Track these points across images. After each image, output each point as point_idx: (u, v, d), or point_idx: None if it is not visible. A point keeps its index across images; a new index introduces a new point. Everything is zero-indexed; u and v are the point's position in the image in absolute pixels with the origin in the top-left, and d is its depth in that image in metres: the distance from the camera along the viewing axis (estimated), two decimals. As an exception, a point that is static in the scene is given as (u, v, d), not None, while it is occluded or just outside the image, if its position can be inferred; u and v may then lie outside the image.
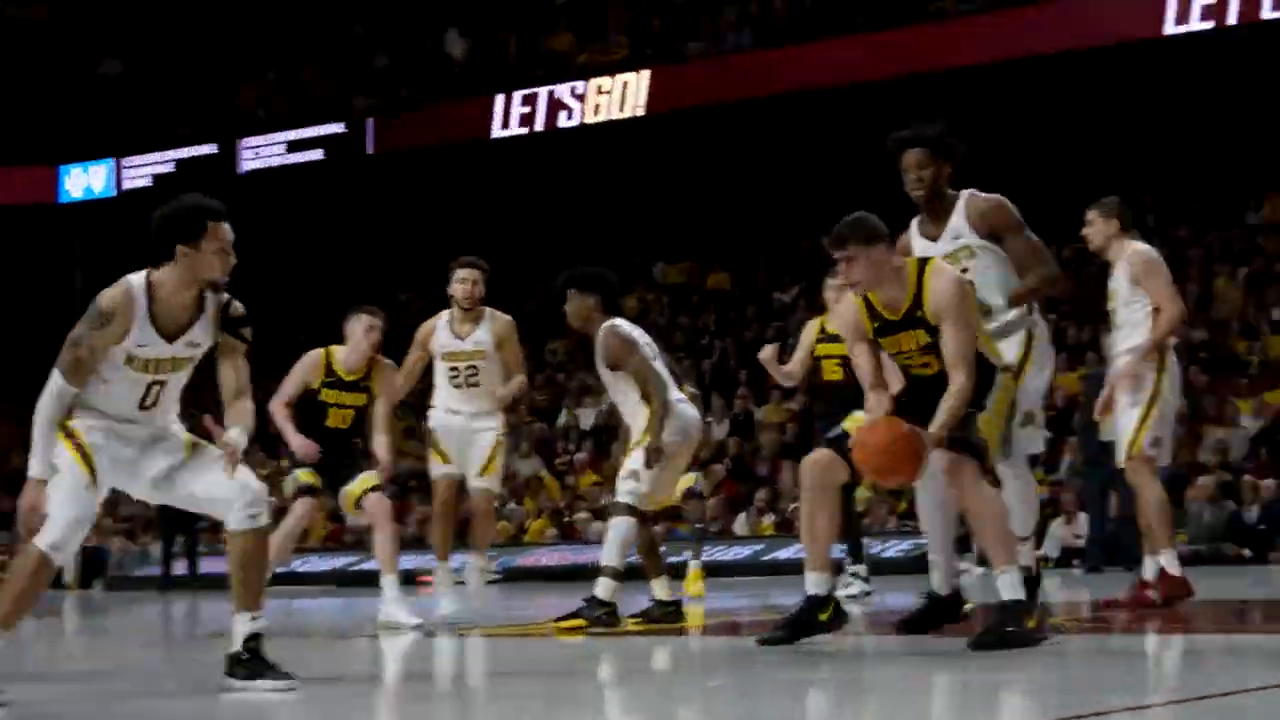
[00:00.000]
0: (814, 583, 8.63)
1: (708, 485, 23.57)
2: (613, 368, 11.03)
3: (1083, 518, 20.24)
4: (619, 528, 10.89)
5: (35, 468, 7.33)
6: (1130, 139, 28.24)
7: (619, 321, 11.21)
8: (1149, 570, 10.97)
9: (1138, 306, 11.03)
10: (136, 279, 7.41)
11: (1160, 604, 10.76)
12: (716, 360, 30.17)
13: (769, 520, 23.71)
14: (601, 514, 22.43)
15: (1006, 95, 29.86)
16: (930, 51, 28.79)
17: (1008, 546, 8.35)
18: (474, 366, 12.31)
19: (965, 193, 9.40)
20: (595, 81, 32.11)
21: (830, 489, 8.61)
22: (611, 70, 32.19)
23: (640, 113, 31.49)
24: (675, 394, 11.07)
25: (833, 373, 13.57)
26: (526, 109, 32.73)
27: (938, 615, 9.30)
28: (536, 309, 27.80)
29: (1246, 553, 19.91)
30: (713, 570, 21.42)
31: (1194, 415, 19.54)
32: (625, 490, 10.93)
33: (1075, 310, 25.13)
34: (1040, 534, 20.58)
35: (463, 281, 12.42)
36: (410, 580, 16.86)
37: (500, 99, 33.02)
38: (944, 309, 8.37)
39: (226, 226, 7.42)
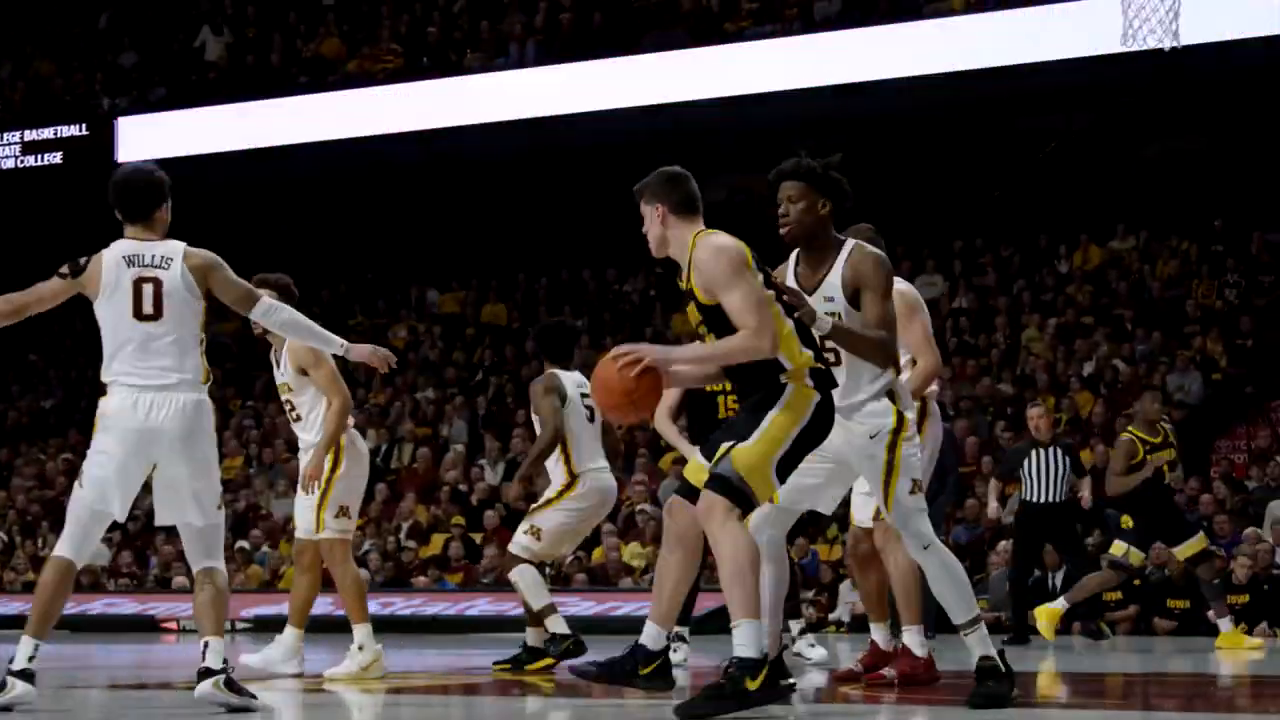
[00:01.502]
0: (647, 635, 8.53)
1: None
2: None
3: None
4: (524, 575, 12.29)
5: None
6: (931, 183, 29.04)
7: (556, 372, 12.61)
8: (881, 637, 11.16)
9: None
10: None
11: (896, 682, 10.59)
12: (492, 397, 30.21)
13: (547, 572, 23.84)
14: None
15: (804, 121, 30.48)
16: (726, 75, 29.25)
17: (746, 598, 8.12)
18: (289, 400, 12.15)
19: (851, 241, 9.12)
20: (363, 91, 31.94)
21: (688, 540, 8.46)
22: (384, 79, 32.13)
23: (413, 127, 31.33)
24: (599, 462, 11.74)
25: None
26: (283, 115, 32.31)
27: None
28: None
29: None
30: (483, 625, 21.63)
31: (1003, 475, 20.02)
32: (521, 545, 11.96)
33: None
34: (832, 595, 21.03)
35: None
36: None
37: (251, 106, 32.57)
38: (709, 281, 8.36)
39: None
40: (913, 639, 10.52)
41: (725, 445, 8.25)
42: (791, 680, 9.24)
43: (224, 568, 9.19)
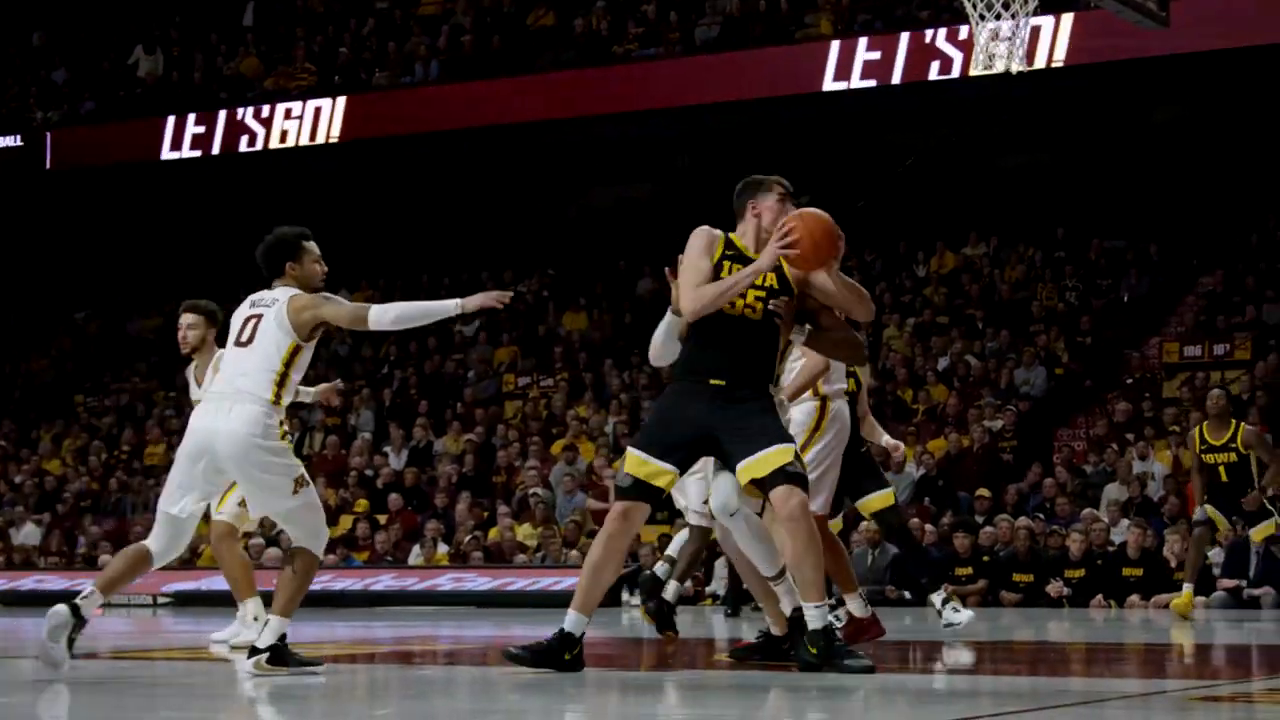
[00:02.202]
0: (571, 621, 8.75)
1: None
2: None
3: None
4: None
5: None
6: (801, 193, 29.15)
7: None
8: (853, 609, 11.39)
9: (794, 355, 11.19)
10: None
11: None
12: (397, 390, 30.22)
13: (443, 551, 23.86)
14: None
15: (684, 136, 30.62)
16: (613, 94, 29.34)
17: (821, 581, 8.62)
18: None
19: None
20: (282, 106, 31.84)
21: (626, 538, 8.84)
22: (301, 96, 32.01)
23: (330, 140, 31.26)
24: None
25: None
26: (201, 129, 32.18)
27: (772, 650, 9.46)
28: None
29: (906, 595, 20.63)
30: (386, 600, 21.63)
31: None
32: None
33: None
34: (708, 572, 21.12)
35: (178, 328, 12.12)
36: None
37: (171, 120, 32.42)
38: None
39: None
40: (855, 605, 11.20)
41: (782, 446, 8.65)
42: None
43: (317, 549, 9.39)
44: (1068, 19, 25.22)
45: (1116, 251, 28.49)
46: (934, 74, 26.58)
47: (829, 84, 27.15)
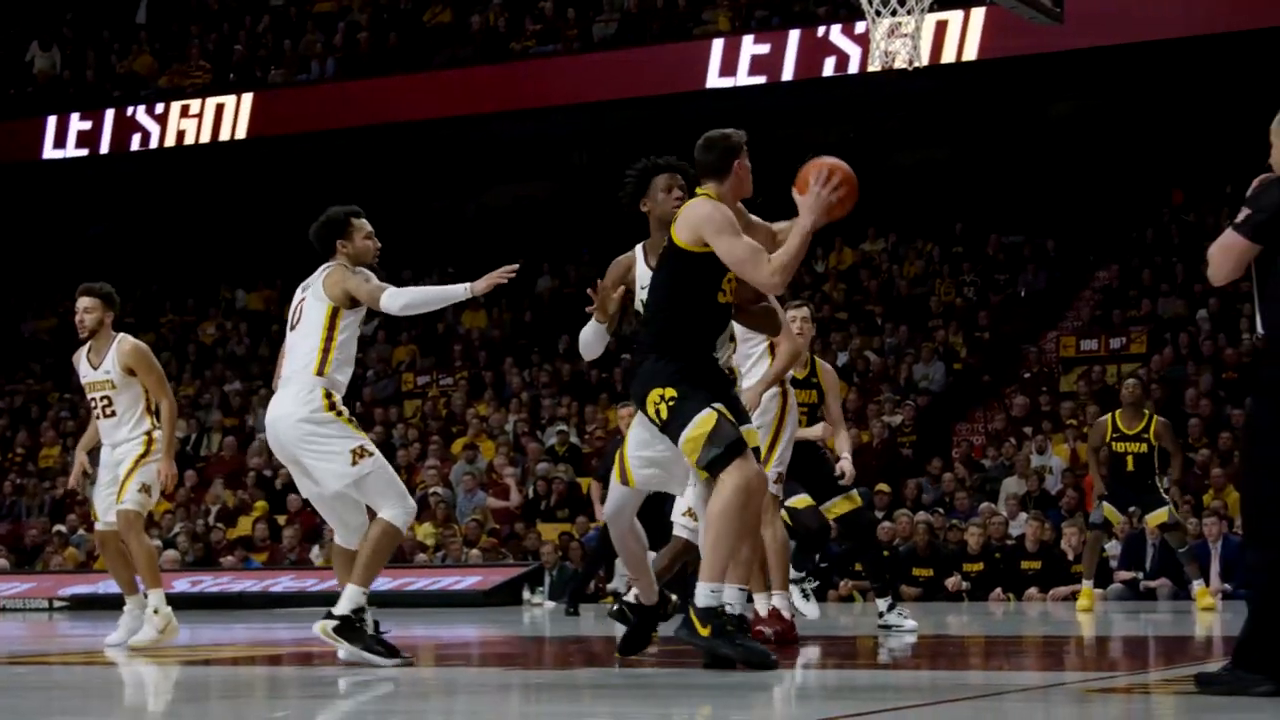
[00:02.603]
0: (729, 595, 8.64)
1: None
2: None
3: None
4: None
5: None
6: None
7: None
8: (764, 606, 11.36)
9: (754, 343, 11.28)
10: None
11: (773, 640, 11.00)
12: (294, 390, 30.02)
13: (344, 551, 23.76)
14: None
15: (582, 133, 30.64)
16: (510, 91, 29.30)
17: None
18: (107, 397, 11.94)
19: None
20: (177, 105, 31.60)
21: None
22: (198, 94, 31.78)
23: (224, 138, 31.04)
24: None
25: None
26: (88, 126, 31.86)
27: (648, 623, 9.47)
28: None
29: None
30: (286, 600, 21.51)
31: (601, 476, 20.16)
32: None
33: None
34: (609, 570, 21.10)
35: (75, 312, 12.10)
36: None
37: (53, 119, 32.09)
38: (698, 229, 8.55)
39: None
40: (781, 602, 11.24)
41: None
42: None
43: (387, 514, 9.27)
44: (964, 15, 25.36)
45: (1014, 247, 28.70)
46: (829, 70, 26.69)
47: (718, 81, 27.21)
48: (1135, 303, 26.62)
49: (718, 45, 27.42)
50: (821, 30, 26.78)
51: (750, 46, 27.15)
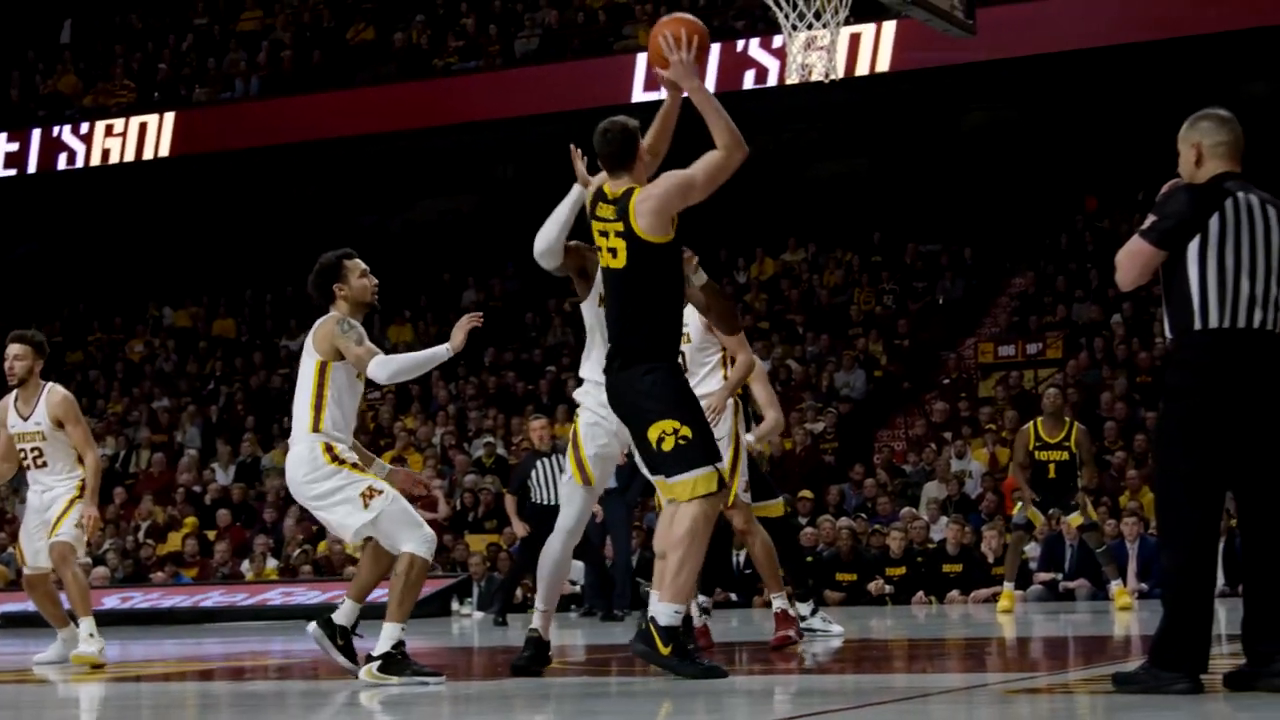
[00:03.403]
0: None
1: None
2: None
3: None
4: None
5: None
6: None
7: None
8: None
9: (710, 352, 11.33)
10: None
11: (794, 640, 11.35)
12: (223, 405, 29.92)
13: (273, 565, 23.68)
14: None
15: (506, 147, 30.63)
16: (434, 107, 29.29)
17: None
18: (38, 448, 11.80)
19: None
20: (102, 124, 31.42)
21: None
22: (122, 113, 31.60)
23: (150, 156, 30.87)
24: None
25: None
26: (14, 146, 31.63)
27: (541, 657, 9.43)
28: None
29: (733, 596, 20.74)
30: (216, 615, 21.41)
31: (514, 490, 20.06)
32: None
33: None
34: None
35: (4, 359, 11.88)
36: None
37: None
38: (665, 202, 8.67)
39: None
40: (784, 604, 11.50)
41: None
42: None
43: (408, 548, 9.21)
44: (877, 27, 25.48)
45: (931, 255, 28.85)
46: (749, 83, 26.76)
47: (639, 95, 27.26)
48: (1051, 309, 26.80)
49: (642, 59, 27.45)
50: (741, 44, 26.86)
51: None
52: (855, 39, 25.15)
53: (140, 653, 13.63)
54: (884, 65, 25.78)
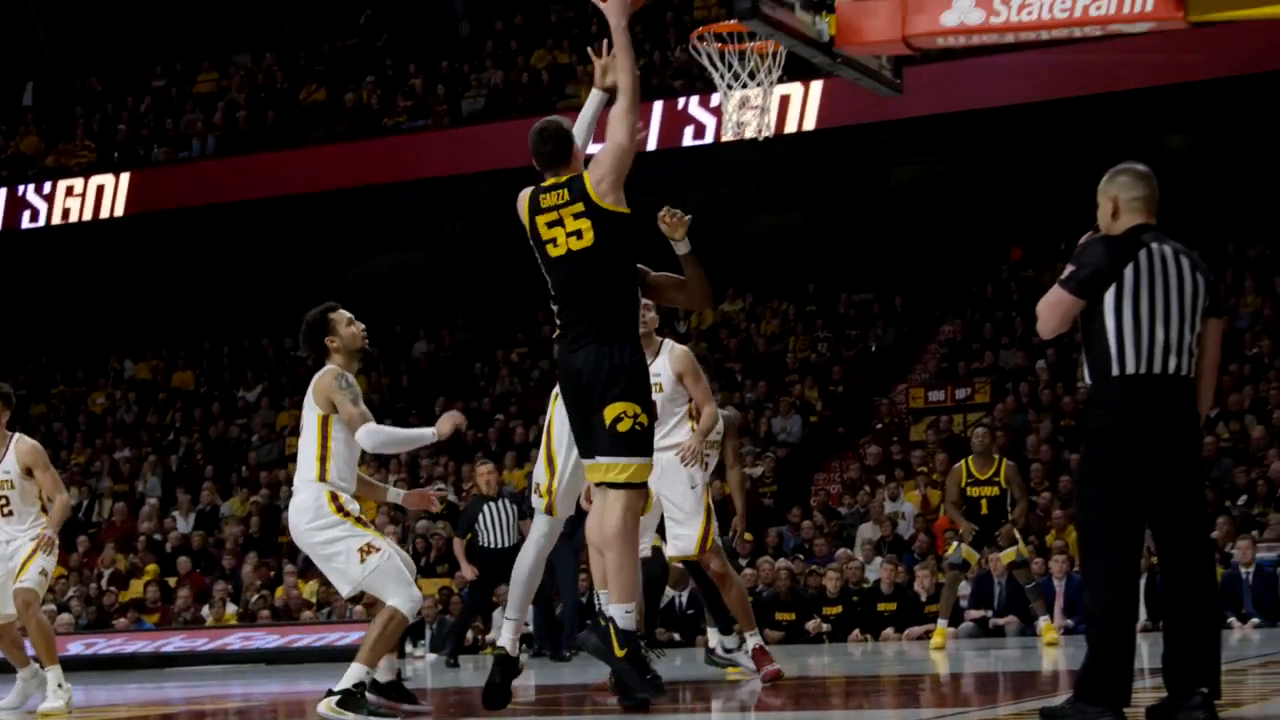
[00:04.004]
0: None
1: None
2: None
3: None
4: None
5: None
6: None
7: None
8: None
9: (678, 403, 11.35)
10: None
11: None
12: (183, 455, 29.80)
13: (232, 610, 23.56)
14: None
15: (452, 203, 30.62)
16: (385, 165, 29.29)
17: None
18: (5, 497, 11.66)
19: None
20: (63, 183, 31.33)
21: None
22: (82, 173, 31.51)
23: (110, 214, 30.79)
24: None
25: None
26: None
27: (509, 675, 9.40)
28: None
29: (676, 636, 20.68)
30: (177, 660, 21.27)
31: (461, 532, 20.00)
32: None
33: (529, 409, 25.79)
34: (487, 620, 21.00)
35: None
36: None
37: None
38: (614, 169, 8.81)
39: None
40: (758, 641, 11.76)
41: None
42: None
43: (393, 603, 9.20)
44: (805, 87, 25.60)
45: (864, 304, 28.93)
46: (689, 139, 26.85)
47: (591, 148, 27.26)
48: (978, 355, 26.90)
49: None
50: (681, 102, 26.96)
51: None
52: (785, 99, 25.26)
53: (104, 697, 13.52)
54: (811, 124, 25.89)
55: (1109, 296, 7.16)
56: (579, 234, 8.59)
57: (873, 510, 22.94)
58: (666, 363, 11.10)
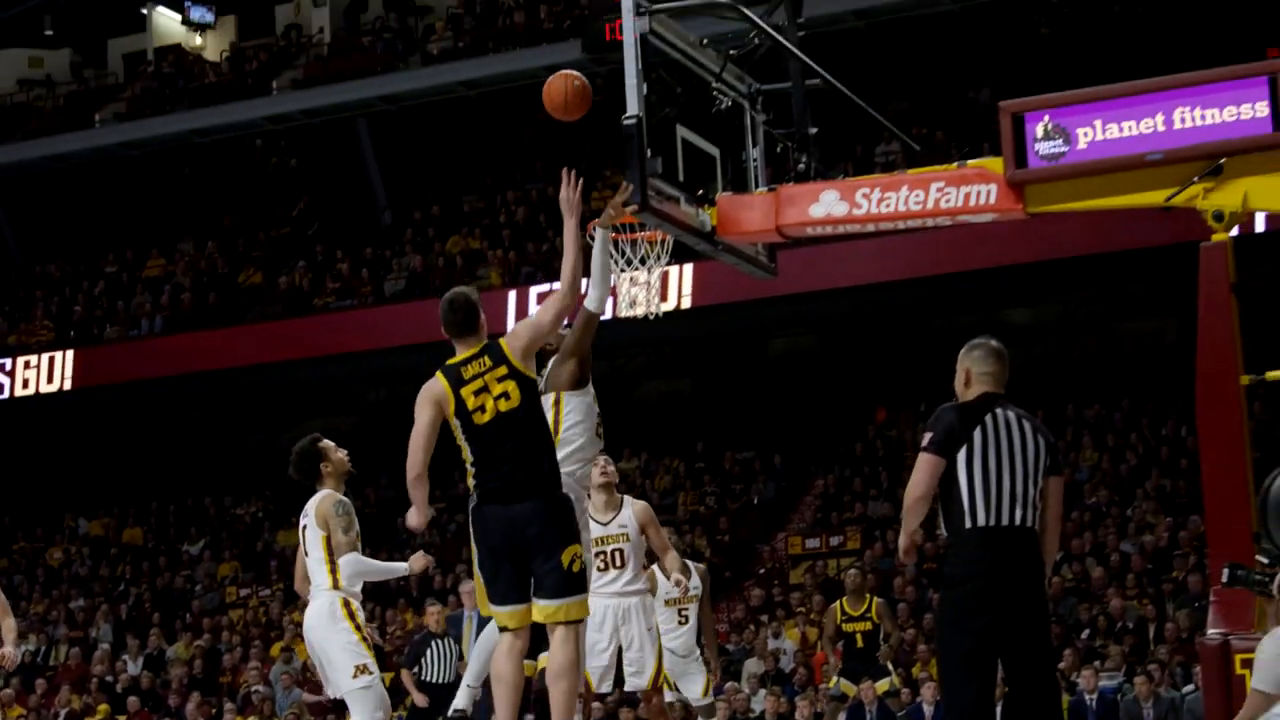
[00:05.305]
0: None
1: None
2: None
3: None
4: None
5: None
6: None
7: None
8: None
9: (642, 550, 11.39)
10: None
11: None
12: (132, 604, 29.39)
13: (177, 747, 23.17)
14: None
15: (375, 376, 30.58)
16: (315, 340, 29.31)
17: None
18: None
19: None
20: (22, 359, 31.16)
21: None
22: (41, 349, 31.34)
23: (66, 387, 30.64)
24: None
25: None
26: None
27: None
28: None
29: None
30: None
31: (407, 663, 19.67)
32: None
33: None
34: None
35: None
36: None
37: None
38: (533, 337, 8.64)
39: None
40: None
41: None
42: None
43: None
44: (679, 267, 25.67)
45: (747, 461, 28.98)
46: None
47: (510, 323, 27.38)
48: (850, 506, 26.96)
49: (511, 297, 27.51)
50: (584, 285, 27.05)
51: (534, 300, 27.19)
52: (665, 276, 25.39)
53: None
54: (685, 302, 26.09)
55: (960, 456, 7.27)
56: (506, 395, 8.30)
57: (757, 647, 22.86)
58: (630, 515, 11.16)
